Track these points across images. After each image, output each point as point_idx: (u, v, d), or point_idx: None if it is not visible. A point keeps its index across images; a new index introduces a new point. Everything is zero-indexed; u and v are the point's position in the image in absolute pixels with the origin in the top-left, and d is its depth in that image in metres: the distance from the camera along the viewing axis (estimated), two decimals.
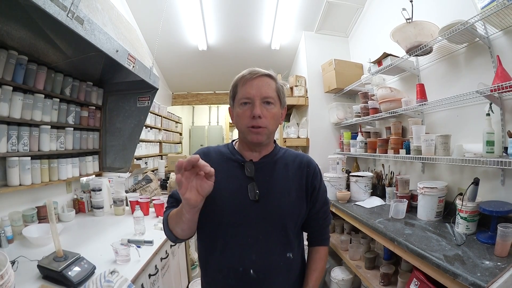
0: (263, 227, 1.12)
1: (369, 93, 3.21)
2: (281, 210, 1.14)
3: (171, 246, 2.34)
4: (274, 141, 1.30)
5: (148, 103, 2.86)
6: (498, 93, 1.69)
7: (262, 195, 1.13)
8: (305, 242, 1.32)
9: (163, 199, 2.68)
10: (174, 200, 1.25)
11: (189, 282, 2.87)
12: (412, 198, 2.42)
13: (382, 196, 2.87)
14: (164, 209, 1.26)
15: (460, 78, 2.20)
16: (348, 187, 3.13)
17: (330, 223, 1.34)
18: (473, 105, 2.02)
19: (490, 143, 1.73)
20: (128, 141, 2.94)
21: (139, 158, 4.69)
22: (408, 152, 2.45)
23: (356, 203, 2.81)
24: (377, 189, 2.98)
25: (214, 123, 11.14)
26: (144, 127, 4.02)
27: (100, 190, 2.62)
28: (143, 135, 4.55)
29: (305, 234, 1.32)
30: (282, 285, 1.15)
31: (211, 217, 1.15)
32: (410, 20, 2.26)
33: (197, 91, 6.78)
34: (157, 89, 2.77)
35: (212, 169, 0.94)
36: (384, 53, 2.70)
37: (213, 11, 3.95)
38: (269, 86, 1.15)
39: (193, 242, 3.38)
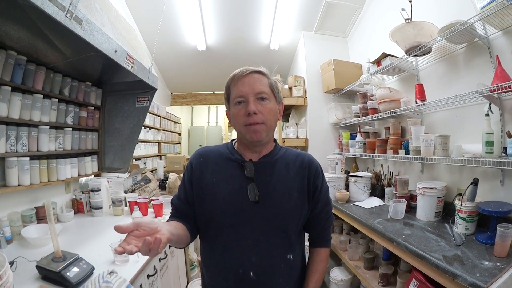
0: (263, 228, 1.11)
1: (368, 94, 3.21)
2: (282, 211, 1.13)
3: (169, 246, 2.33)
4: (275, 140, 1.28)
5: (147, 103, 2.85)
6: (497, 93, 1.69)
7: (262, 195, 1.11)
8: (306, 243, 1.31)
9: (162, 199, 2.68)
10: (173, 208, 1.25)
11: (188, 283, 2.86)
12: (411, 199, 2.42)
13: (381, 196, 2.87)
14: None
15: (459, 78, 2.20)
16: (347, 188, 3.13)
17: (332, 224, 1.33)
18: (472, 105, 2.02)
19: (489, 143, 1.73)
20: (127, 142, 2.93)
21: (138, 159, 4.68)
22: (407, 152, 2.45)
23: (355, 203, 2.81)
24: (376, 189, 2.98)
25: (213, 123, 11.14)
26: (143, 127, 4.02)
27: (99, 190, 2.61)
28: (142, 135, 4.54)
29: (306, 235, 1.31)
30: (282, 287, 1.14)
31: (211, 218, 1.14)
32: (409, 20, 2.26)
33: (196, 91, 6.78)
34: (156, 89, 2.76)
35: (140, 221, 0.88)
36: (383, 53, 2.70)
37: (212, 11, 3.95)
38: (261, 82, 1.14)
39: (192, 242, 3.37)
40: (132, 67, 2.13)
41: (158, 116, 5.62)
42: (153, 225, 0.89)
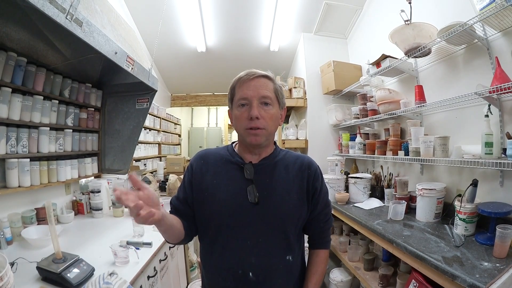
0: (263, 229, 1.12)
1: (367, 95, 3.21)
2: (281, 212, 1.14)
3: (170, 248, 2.33)
4: (275, 143, 1.29)
5: (147, 104, 2.86)
6: (496, 94, 1.70)
7: (262, 197, 1.12)
8: (306, 244, 1.32)
9: (162, 201, 2.67)
10: (172, 207, 1.26)
11: (188, 284, 2.86)
12: (410, 200, 2.42)
13: (381, 197, 2.87)
14: None
15: (459, 80, 2.20)
16: (346, 189, 3.13)
17: (331, 226, 1.33)
18: (472, 106, 2.03)
19: (488, 144, 1.73)
20: (127, 143, 2.93)
21: (138, 160, 4.68)
22: (406, 153, 2.45)
23: (355, 204, 2.81)
24: (376, 190, 2.98)
25: (213, 124, 11.14)
26: (143, 129, 4.02)
27: (99, 191, 2.61)
28: (142, 137, 4.54)
29: (305, 236, 1.32)
30: None
31: (211, 220, 1.15)
32: (408, 22, 2.27)
33: (196, 92, 6.78)
34: (156, 90, 2.77)
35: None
36: (383, 54, 2.71)
37: (212, 12, 3.95)
38: (266, 86, 1.14)
39: (192, 243, 3.38)
40: (132, 68, 2.13)
41: (158, 117, 5.62)
42: (156, 200, 0.94)
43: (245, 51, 4.79)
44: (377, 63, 2.83)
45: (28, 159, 2.01)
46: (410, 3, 2.30)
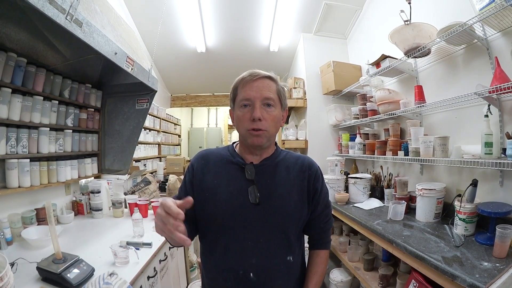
0: (264, 230, 1.12)
1: (367, 95, 3.21)
2: (282, 213, 1.14)
3: (169, 248, 2.33)
4: (275, 144, 1.29)
5: (147, 105, 2.86)
6: (496, 94, 1.70)
7: (263, 198, 1.12)
8: (306, 245, 1.32)
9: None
10: None
11: (188, 284, 2.86)
12: (410, 200, 2.42)
13: (381, 197, 2.87)
14: None
15: (459, 80, 2.20)
16: (346, 189, 3.13)
17: (331, 227, 1.33)
18: (472, 106, 2.03)
19: (488, 144, 1.73)
20: (127, 143, 2.93)
21: (138, 160, 4.68)
22: (406, 153, 2.46)
23: (355, 204, 2.81)
24: (376, 190, 2.98)
25: (213, 125, 11.14)
26: (143, 129, 4.02)
27: (99, 192, 2.61)
28: (141, 137, 4.54)
29: (306, 237, 1.32)
30: None
31: (212, 220, 1.15)
32: (408, 22, 2.27)
33: (195, 93, 6.78)
34: (156, 91, 2.77)
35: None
36: (383, 54, 2.71)
37: (212, 13, 3.96)
38: (269, 88, 1.14)
39: (192, 243, 3.38)
40: (132, 69, 2.13)
41: (158, 118, 5.62)
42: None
43: (245, 52, 4.80)
44: (376, 63, 2.83)
45: (28, 160, 2.01)
46: (409, 3, 2.30)
